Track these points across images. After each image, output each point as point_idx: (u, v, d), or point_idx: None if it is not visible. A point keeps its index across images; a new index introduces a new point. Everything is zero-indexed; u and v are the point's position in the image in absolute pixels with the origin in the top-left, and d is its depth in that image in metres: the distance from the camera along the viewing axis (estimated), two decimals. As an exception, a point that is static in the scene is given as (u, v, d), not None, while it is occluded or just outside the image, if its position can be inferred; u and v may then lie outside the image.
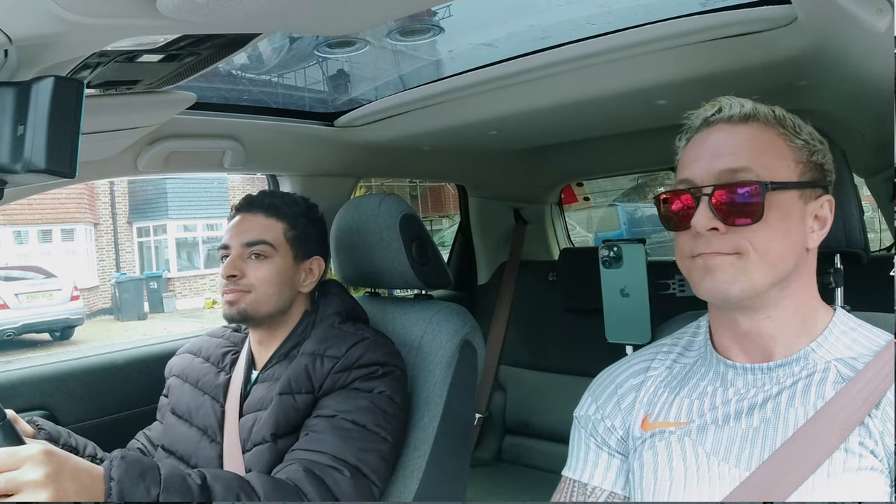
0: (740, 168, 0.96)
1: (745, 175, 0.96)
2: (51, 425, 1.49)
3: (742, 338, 1.02)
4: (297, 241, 1.59)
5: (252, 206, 1.60)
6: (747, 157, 0.97)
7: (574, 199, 3.37)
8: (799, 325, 1.00)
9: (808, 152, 0.99)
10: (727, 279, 0.95)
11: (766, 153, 0.97)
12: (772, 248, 0.95)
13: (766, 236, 0.95)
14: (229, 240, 1.57)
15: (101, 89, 1.33)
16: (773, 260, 0.95)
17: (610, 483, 1.10)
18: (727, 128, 1.00)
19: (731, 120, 1.00)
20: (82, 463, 1.10)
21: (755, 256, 0.95)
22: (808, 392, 0.96)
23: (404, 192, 12.06)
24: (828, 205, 1.00)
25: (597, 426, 1.13)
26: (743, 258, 0.95)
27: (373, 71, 2.13)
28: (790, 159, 0.98)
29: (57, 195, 12.77)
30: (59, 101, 0.83)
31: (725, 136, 0.99)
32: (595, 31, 1.57)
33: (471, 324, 1.65)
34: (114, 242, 14.74)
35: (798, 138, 0.99)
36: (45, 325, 11.20)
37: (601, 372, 1.18)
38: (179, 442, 1.55)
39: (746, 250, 0.95)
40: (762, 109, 1.00)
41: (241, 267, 1.54)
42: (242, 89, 1.97)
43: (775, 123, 0.99)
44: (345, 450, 1.35)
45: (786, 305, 0.99)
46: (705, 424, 1.00)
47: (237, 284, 1.53)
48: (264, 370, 1.54)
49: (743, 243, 0.95)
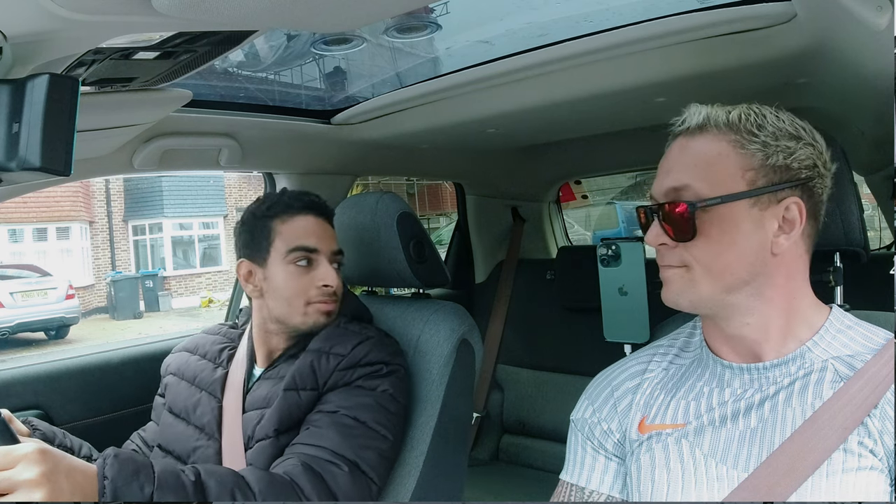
0: (681, 186, 0.99)
1: (685, 193, 0.98)
2: (46, 426, 1.48)
3: (729, 341, 1.03)
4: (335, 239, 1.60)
5: (324, 213, 1.58)
6: (689, 174, 0.99)
7: (572, 197, 3.37)
8: (785, 326, 0.99)
9: (763, 156, 0.97)
10: (676, 290, 1.01)
11: (708, 166, 0.98)
12: (714, 260, 0.97)
13: (708, 250, 0.97)
14: (318, 243, 1.53)
15: (96, 87, 1.32)
16: (719, 271, 0.98)
17: (608, 486, 1.10)
18: (683, 141, 1.02)
19: (687, 132, 1.02)
20: (76, 462, 1.09)
21: (699, 269, 0.98)
22: (805, 392, 0.95)
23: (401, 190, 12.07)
24: (795, 206, 0.97)
25: (593, 429, 1.12)
26: (689, 271, 0.99)
27: (370, 68, 2.13)
28: (738, 168, 0.97)
29: (52, 193, 12.75)
30: (54, 98, 0.82)
31: (678, 151, 1.02)
32: (593, 28, 1.57)
33: (468, 323, 1.64)
34: (109, 241, 14.70)
35: (752, 143, 0.97)
36: (40, 324, 11.17)
37: (598, 374, 1.18)
38: (176, 441, 1.54)
39: (691, 263, 0.99)
40: (714, 117, 1.00)
41: (335, 276, 1.54)
42: (238, 87, 1.96)
43: (727, 130, 0.99)
44: (344, 446, 1.34)
45: (764, 312, 0.99)
46: (702, 426, 1.00)
47: (335, 295, 1.54)
48: (270, 368, 1.53)
49: (687, 257, 0.99)
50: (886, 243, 2.57)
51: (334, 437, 1.35)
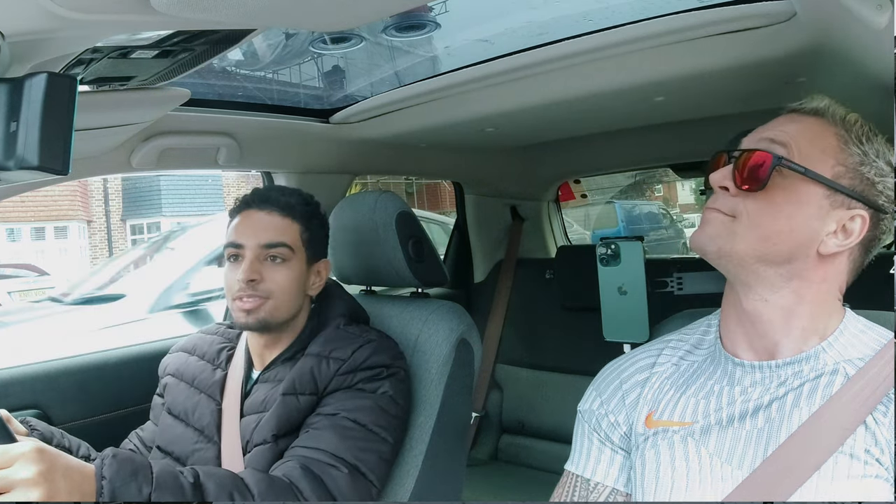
0: (777, 140, 0.99)
1: (776, 147, 0.98)
2: (44, 425, 1.48)
3: (746, 323, 1.02)
4: (310, 243, 1.53)
5: (267, 203, 1.50)
6: (789, 136, 0.99)
7: (571, 197, 3.37)
8: (808, 323, 0.99)
9: (858, 162, 0.98)
10: (711, 234, 0.99)
11: (809, 140, 0.98)
12: (766, 222, 0.96)
13: (765, 209, 0.97)
14: (242, 238, 1.47)
15: (94, 86, 1.32)
16: (764, 234, 0.96)
17: (612, 479, 1.10)
18: (794, 115, 1.03)
19: (801, 110, 1.03)
20: (74, 461, 1.09)
21: (745, 222, 0.97)
22: (814, 395, 0.95)
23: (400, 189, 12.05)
24: (860, 220, 0.98)
25: (600, 421, 1.12)
26: (735, 222, 0.98)
27: (368, 67, 2.12)
28: (832, 157, 0.98)
29: (50, 192, 12.74)
30: (52, 97, 0.82)
31: (787, 118, 1.03)
32: (592, 27, 1.56)
33: (467, 322, 1.64)
34: (107, 240, 14.69)
35: (856, 146, 0.99)
36: (38, 323, 11.13)
37: (606, 365, 1.18)
38: (175, 442, 1.53)
39: (740, 214, 0.98)
40: (834, 109, 1.01)
41: (260, 270, 1.45)
42: (237, 85, 1.96)
43: (839, 124, 1.00)
44: (344, 448, 1.34)
45: (788, 300, 0.98)
46: (709, 425, 1.00)
47: (256, 290, 1.44)
48: (267, 371, 1.52)
49: (740, 207, 0.98)
50: (886, 243, 2.57)
51: (334, 439, 1.34)
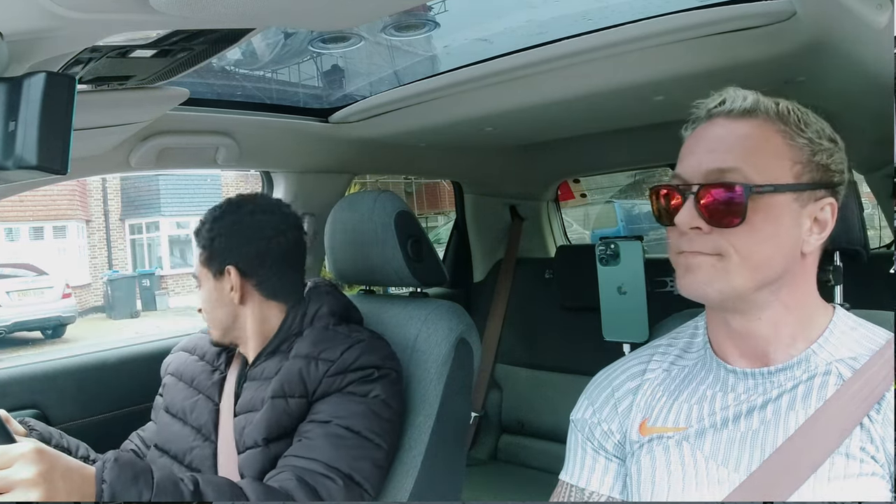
0: (728, 168, 0.93)
1: (733, 176, 0.93)
2: (42, 426, 1.48)
3: (736, 338, 1.00)
4: (209, 260, 1.55)
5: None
6: (739, 157, 0.94)
7: (571, 196, 3.37)
8: (795, 328, 0.98)
9: (809, 152, 0.95)
10: (705, 279, 0.94)
11: (759, 152, 0.94)
12: (755, 251, 0.93)
13: (750, 239, 0.93)
14: None
15: (93, 85, 1.31)
16: (756, 263, 0.93)
17: (608, 488, 1.09)
18: (726, 122, 0.97)
19: (731, 114, 0.97)
20: (74, 462, 1.09)
21: (736, 259, 0.93)
22: (809, 396, 0.94)
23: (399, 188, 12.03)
24: (829, 208, 0.96)
25: (593, 430, 1.11)
26: (723, 260, 0.93)
27: (367, 66, 2.12)
28: (787, 159, 0.95)
29: (48, 192, 12.72)
30: (50, 96, 0.82)
31: (722, 131, 0.97)
32: (591, 26, 1.56)
33: (466, 322, 1.64)
34: (106, 240, 14.69)
35: (801, 136, 0.95)
36: (36, 323, 11.13)
37: (597, 374, 1.17)
38: (173, 441, 1.53)
39: (728, 252, 0.93)
40: (764, 104, 0.96)
41: None
42: (236, 85, 1.96)
43: (776, 120, 0.96)
44: (338, 458, 1.33)
45: (777, 309, 0.97)
46: (704, 429, 0.99)
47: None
48: (253, 367, 1.52)
49: (724, 245, 0.93)
50: (886, 242, 2.57)
51: (327, 449, 1.34)
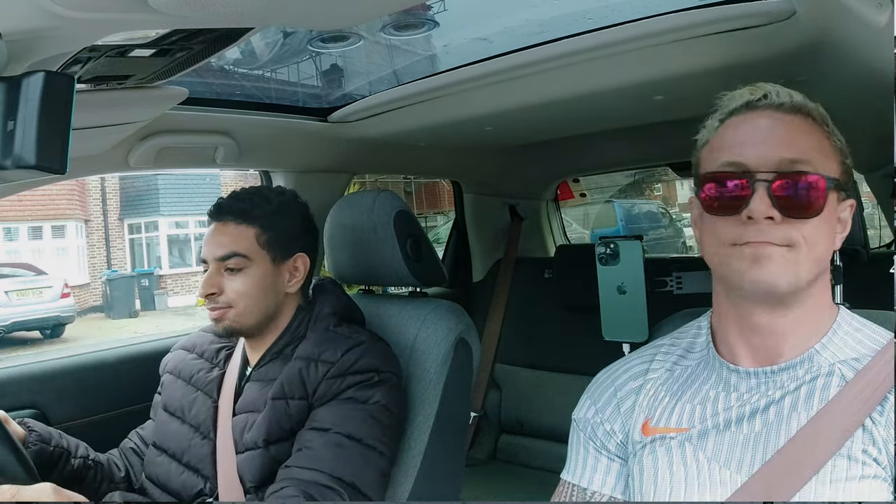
0: (801, 160, 0.93)
1: (805, 167, 0.92)
2: (42, 426, 1.47)
3: (753, 334, 0.99)
4: (272, 242, 1.51)
5: (221, 214, 1.52)
6: (808, 149, 0.94)
7: (570, 196, 3.37)
8: (812, 324, 0.98)
9: (842, 153, 0.98)
10: (777, 271, 0.92)
11: (821, 147, 0.95)
12: (819, 244, 0.94)
13: (817, 232, 0.93)
14: (205, 253, 1.51)
15: (91, 84, 1.31)
16: (819, 256, 0.94)
17: (609, 488, 1.09)
18: (775, 115, 0.96)
19: (781, 107, 0.96)
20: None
21: (805, 250, 0.92)
22: (811, 398, 0.94)
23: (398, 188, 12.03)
24: (849, 209, 0.99)
25: (596, 430, 1.11)
26: (794, 251, 0.92)
27: (367, 66, 2.12)
28: (834, 159, 0.97)
29: (47, 191, 12.71)
30: (49, 96, 0.82)
31: (774, 123, 0.95)
32: (591, 25, 1.56)
33: (466, 322, 1.64)
34: (105, 239, 14.68)
35: (836, 138, 0.98)
36: (35, 322, 11.13)
37: (599, 373, 1.17)
38: (171, 439, 1.53)
39: (799, 243, 0.92)
40: (811, 104, 0.97)
41: (219, 283, 1.48)
42: (235, 84, 1.95)
43: (820, 120, 0.97)
44: (340, 468, 1.32)
45: (808, 305, 0.97)
46: (706, 430, 0.99)
47: (216, 302, 1.48)
48: (257, 368, 1.52)
49: (796, 236, 0.92)
50: (886, 241, 2.57)
51: (330, 458, 1.32)
